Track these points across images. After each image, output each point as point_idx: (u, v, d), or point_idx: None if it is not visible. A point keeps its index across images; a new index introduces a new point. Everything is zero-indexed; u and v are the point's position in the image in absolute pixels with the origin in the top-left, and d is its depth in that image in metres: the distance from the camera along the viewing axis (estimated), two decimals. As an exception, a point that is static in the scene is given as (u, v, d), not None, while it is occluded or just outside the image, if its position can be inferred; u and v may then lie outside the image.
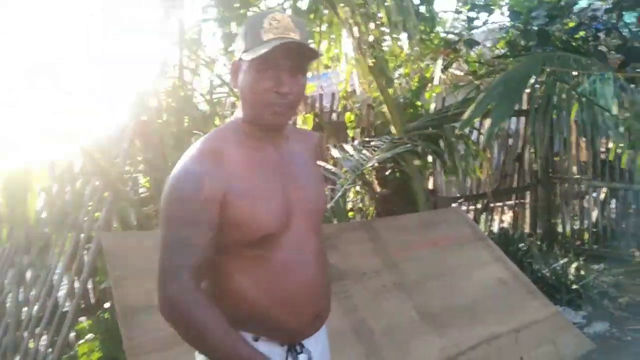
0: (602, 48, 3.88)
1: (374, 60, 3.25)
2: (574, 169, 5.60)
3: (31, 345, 2.82)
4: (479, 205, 5.40)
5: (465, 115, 3.22)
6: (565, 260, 4.53)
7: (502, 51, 4.09)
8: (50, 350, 2.74)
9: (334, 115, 4.33)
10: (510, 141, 5.60)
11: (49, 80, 2.77)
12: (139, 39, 2.85)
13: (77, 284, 2.87)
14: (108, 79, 2.80)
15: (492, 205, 5.49)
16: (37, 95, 2.78)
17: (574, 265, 4.49)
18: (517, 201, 5.72)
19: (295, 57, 1.25)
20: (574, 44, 3.68)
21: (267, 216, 1.29)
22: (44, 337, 2.86)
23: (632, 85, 3.87)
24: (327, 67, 3.87)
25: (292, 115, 1.36)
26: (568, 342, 3.41)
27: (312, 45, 1.29)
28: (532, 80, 3.83)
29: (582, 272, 4.50)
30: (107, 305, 3.09)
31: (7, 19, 2.88)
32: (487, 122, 3.74)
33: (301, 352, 1.41)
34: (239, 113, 1.38)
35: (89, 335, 2.70)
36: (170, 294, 1.23)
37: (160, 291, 1.23)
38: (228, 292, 1.33)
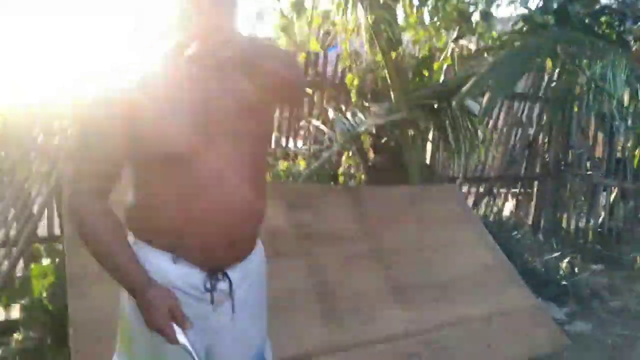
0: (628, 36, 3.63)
1: (373, 18, 3.09)
2: (587, 164, 5.37)
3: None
4: (481, 189, 5.24)
5: (465, 88, 3.06)
6: (558, 254, 4.36)
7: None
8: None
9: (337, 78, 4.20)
10: (522, 128, 5.38)
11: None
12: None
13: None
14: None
15: (495, 190, 5.32)
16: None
17: (567, 260, 4.33)
18: (522, 190, 5.54)
19: None
20: (596, 28, 3.45)
21: (172, 134, 1.26)
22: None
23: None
24: (334, 24, 3.72)
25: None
26: (543, 336, 3.30)
27: None
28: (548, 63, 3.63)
29: (576, 270, 4.35)
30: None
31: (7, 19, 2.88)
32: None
33: (221, 280, 1.38)
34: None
35: (46, 261, 2.72)
36: (69, 199, 1.30)
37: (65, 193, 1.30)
38: (144, 204, 1.35)
